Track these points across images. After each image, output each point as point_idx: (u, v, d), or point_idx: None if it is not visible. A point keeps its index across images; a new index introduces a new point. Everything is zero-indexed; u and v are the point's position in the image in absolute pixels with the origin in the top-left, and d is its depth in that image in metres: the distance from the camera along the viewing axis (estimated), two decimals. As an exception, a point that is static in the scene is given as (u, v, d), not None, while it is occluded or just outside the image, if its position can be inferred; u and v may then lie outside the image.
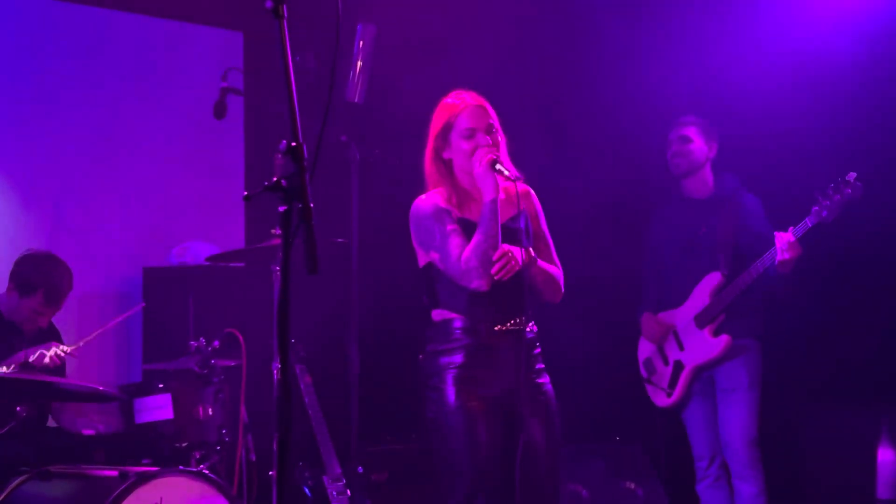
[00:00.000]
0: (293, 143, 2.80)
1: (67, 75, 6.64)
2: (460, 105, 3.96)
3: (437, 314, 3.90)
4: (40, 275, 5.32)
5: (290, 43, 2.92)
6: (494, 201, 3.79)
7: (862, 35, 5.72)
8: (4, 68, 6.41)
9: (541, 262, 3.85)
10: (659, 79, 6.30)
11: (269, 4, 2.94)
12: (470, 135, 3.89)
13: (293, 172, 2.81)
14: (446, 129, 3.96)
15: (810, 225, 4.76)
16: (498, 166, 3.78)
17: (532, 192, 3.99)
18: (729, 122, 5.54)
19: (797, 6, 6.00)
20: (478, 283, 3.77)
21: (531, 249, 3.86)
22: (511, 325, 3.80)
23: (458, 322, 3.83)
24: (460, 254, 3.82)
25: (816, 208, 4.75)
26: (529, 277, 3.78)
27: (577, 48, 6.84)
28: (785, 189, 5.36)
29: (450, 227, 3.90)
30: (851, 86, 5.78)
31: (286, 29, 2.95)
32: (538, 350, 3.89)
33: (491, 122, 3.93)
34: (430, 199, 4.00)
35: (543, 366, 3.89)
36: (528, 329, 3.83)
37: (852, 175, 4.73)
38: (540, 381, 3.86)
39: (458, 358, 3.79)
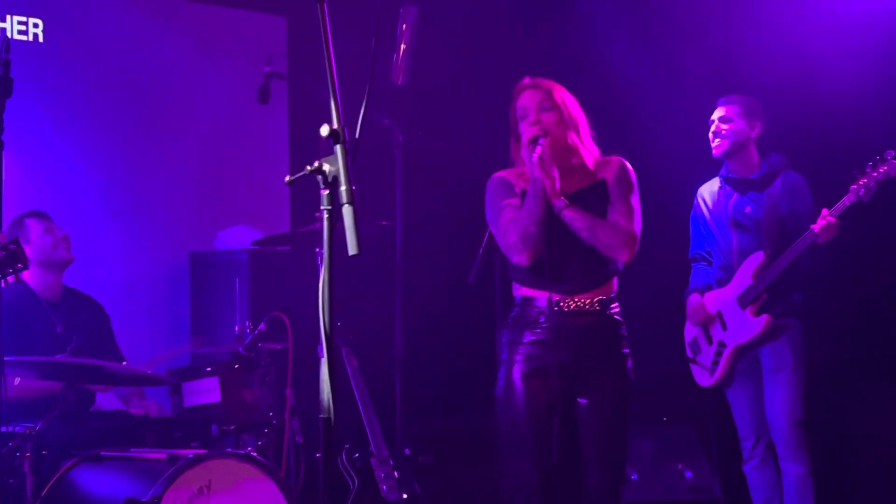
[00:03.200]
0: (334, 127, 2.84)
1: (113, 59, 6.71)
2: (518, 87, 4.09)
3: (513, 288, 4.01)
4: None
5: (332, 27, 2.93)
6: (538, 179, 3.87)
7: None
8: (54, 49, 6.51)
9: (576, 210, 3.86)
10: (702, 55, 6.27)
11: None
12: (523, 114, 4.01)
13: (335, 155, 2.86)
14: (512, 111, 4.09)
15: (848, 203, 4.76)
16: (536, 143, 3.88)
17: (618, 161, 4.03)
18: (773, 100, 5.50)
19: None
20: (517, 258, 3.89)
21: (547, 135, 3.91)
22: (578, 303, 3.85)
23: (524, 299, 3.92)
24: (507, 228, 3.93)
25: (854, 186, 4.75)
26: (575, 230, 3.83)
27: (625, 25, 6.82)
28: (832, 166, 5.33)
29: (506, 201, 4.03)
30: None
31: (327, 13, 2.98)
32: (620, 333, 3.92)
33: (542, 99, 4.02)
34: (499, 175, 4.14)
35: (627, 350, 3.92)
36: (595, 308, 3.86)
37: (890, 153, 4.73)
38: (618, 365, 3.89)
39: (522, 335, 3.87)
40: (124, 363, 5.23)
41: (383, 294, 5.75)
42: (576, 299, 3.84)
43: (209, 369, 5.21)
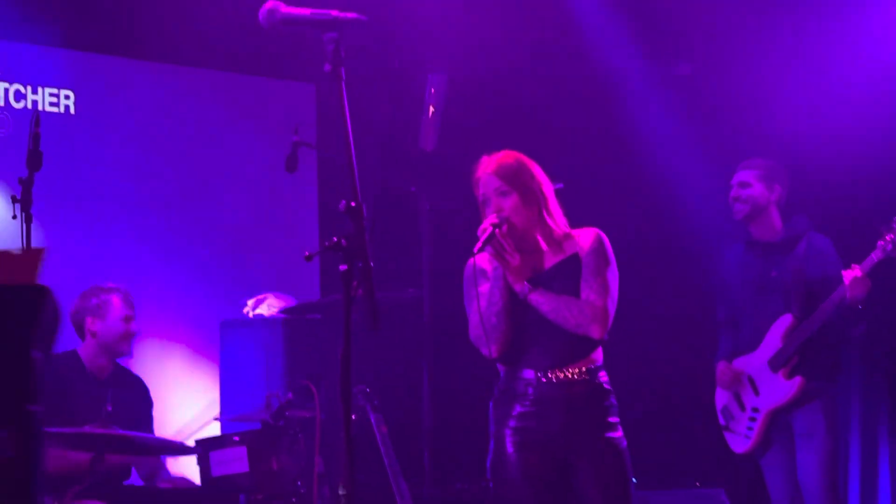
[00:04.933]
0: (352, 204, 2.87)
1: (144, 129, 6.81)
2: (476, 169, 4.00)
3: (499, 365, 3.93)
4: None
5: (360, 94, 2.96)
6: (496, 269, 3.83)
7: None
8: (85, 121, 6.61)
9: (540, 294, 3.78)
10: (723, 118, 6.29)
11: (327, 68, 3.09)
12: (483, 200, 3.93)
13: (353, 232, 2.90)
14: (475, 189, 4.01)
15: (876, 260, 4.74)
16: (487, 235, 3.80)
17: (594, 233, 3.91)
18: (795, 162, 5.50)
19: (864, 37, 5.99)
20: (485, 351, 3.85)
21: (503, 224, 3.80)
22: (566, 373, 3.78)
23: (511, 372, 3.84)
24: (475, 320, 3.89)
25: (881, 242, 4.73)
26: (542, 313, 3.76)
27: (638, 90, 6.84)
28: (857, 225, 5.32)
29: (478, 290, 3.92)
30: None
31: (345, 91, 3.07)
32: (607, 402, 3.83)
33: (499, 185, 3.91)
34: (473, 261, 4.03)
35: (616, 419, 3.83)
36: (583, 377, 3.79)
37: None
38: (608, 434, 3.80)
39: (511, 408, 3.80)
40: (153, 434, 5.27)
41: (412, 361, 5.75)
42: (563, 371, 3.77)
43: (237, 439, 5.19)
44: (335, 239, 2.89)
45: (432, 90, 5.75)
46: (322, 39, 3.13)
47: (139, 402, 5.69)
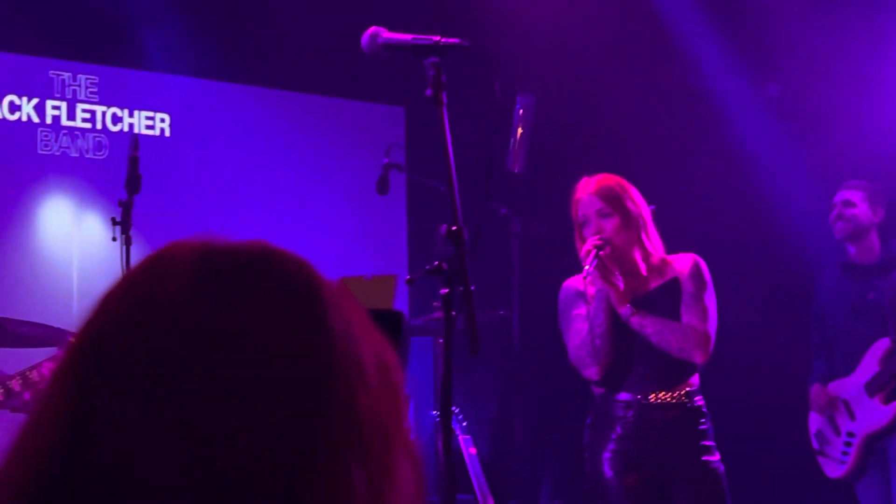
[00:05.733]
0: (454, 228, 2.88)
1: (237, 151, 6.93)
2: (576, 190, 4.01)
3: (594, 387, 3.94)
4: None
5: (449, 126, 3.04)
6: (600, 291, 3.84)
7: None
8: (180, 143, 6.74)
9: (643, 317, 3.79)
10: (824, 139, 6.23)
11: (428, 93, 3.08)
12: (584, 221, 3.93)
13: (453, 256, 2.90)
14: (573, 209, 4.02)
15: None
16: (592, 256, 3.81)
17: (692, 259, 3.93)
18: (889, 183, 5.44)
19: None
20: (587, 373, 3.85)
21: (606, 246, 3.81)
22: (662, 397, 3.78)
23: (608, 395, 3.84)
24: (575, 341, 3.90)
25: None
26: (645, 335, 3.77)
27: (733, 110, 6.78)
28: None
29: (575, 311, 3.94)
30: None
31: (446, 115, 3.07)
32: (704, 426, 3.82)
33: (601, 207, 3.93)
34: (569, 283, 4.05)
35: (712, 442, 3.82)
36: (681, 401, 3.79)
37: None
38: (705, 458, 3.79)
39: (609, 431, 3.79)
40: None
41: (500, 382, 5.75)
42: (662, 394, 3.77)
43: None
44: (436, 263, 2.90)
45: (520, 111, 5.75)
46: (423, 64, 3.13)
47: None
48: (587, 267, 3.76)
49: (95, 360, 1.00)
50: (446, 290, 2.93)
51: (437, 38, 3.10)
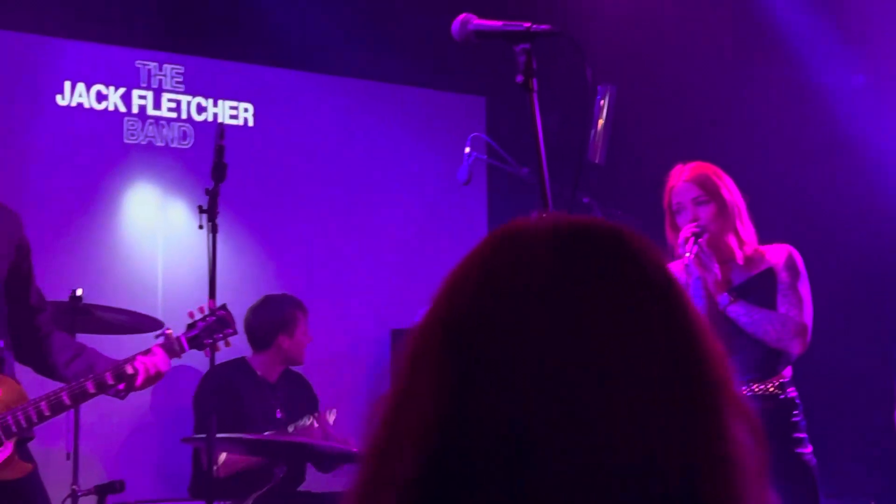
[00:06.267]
0: (544, 214, 2.89)
1: (319, 140, 7.06)
2: (671, 177, 4.07)
3: None
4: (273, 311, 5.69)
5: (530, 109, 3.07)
6: (698, 279, 3.86)
7: None
8: (263, 132, 6.89)
9: (741, 305, 3.82)
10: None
11: (519, 79, 3.09)
12: (678, 209, 3.99)
13: None
14: (666, 197, 4.08)
15: None
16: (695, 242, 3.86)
17: (786, 249, 3.95)
18: None
19: None
20: None
21: (703, 233, 3.85)
22: (756, 388, 3.78)
23: None
24: None
25: None
26: (741, 325, 3.77)
27: (829, 106, 6.74)
28: None
29: None
30: None
31: (536, 102, 3.10)
32: (797, 418, 3.82)
33: (698, 195, 3.98)
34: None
35: (804, 434, 3.82)
36: (774, 392, 3.80)
37: None
38: (798, 450, 3.78)
39: None
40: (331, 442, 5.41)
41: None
42: (756, 385, 3.78)
43: None
44: None
45: (602, 102, 5.76)
46: (513, 51, 3.12)
47: (308, 400, 5.93)
48: (688, 254, 3.78)
49: (468, 335, 1.08)
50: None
51: (528, 24, 3.12)
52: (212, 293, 4.48)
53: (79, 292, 5.01)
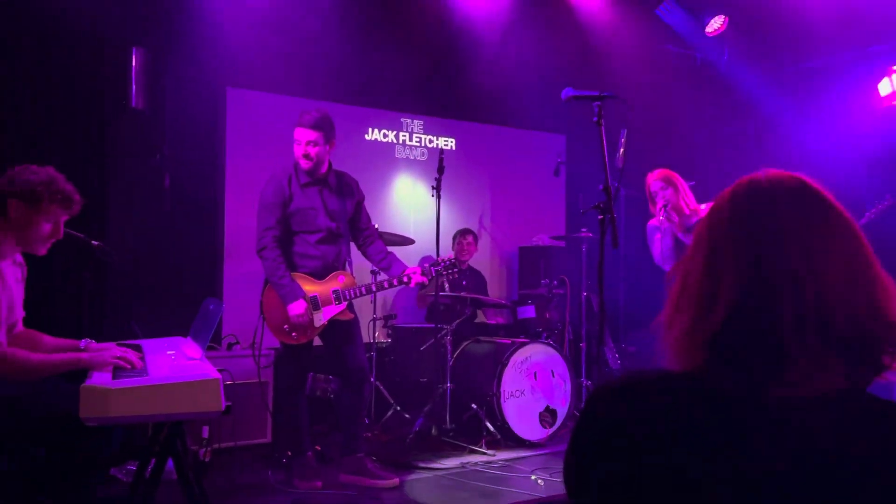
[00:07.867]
0: (606, 186, 4.60)
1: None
2: (648, 181, 5.41)
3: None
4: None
5: (606, 141, 4.26)
6: (668, 227, 4.97)
7: None
8: (463, 153, 8.83)
9: (690, 235, 4.26)
10: None
11: (594, 119, 4.42)
12: (654, 193, 5.32)
13: (605, 200, 4.57)
14: (648, 192, 5.40)
15: None
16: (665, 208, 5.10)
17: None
18: None
19: None
20: (666, 266, 4.85)
21: (668, 203, 4.93)
22: None
23: None
24: (657, 252, 5.20)
25: None
26: None
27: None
28: None
29: (655, 237, 5.23)
30: None
31: (604, 132, 4.36)
32: None
33: (663, 185, 5.20)
34: (651, 222, 5.31)
35: None
36: None
37: None
38: None
39: None
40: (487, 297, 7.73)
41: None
42: None
43: (529, 301, 8.06)
44: (599, 203, 4.44)
45: (622, 138, 5.74)
46: (591, 106, 4.37)
47: (479, 281, 7.96)
48: (662, 217, 5.13)
49: (757, 223, 1.35)
50: (601, 216, 4.45)
51: (598, 91, 4.33)
52: (437, 235, 6.04)
53: (376, 225, 6.19)
